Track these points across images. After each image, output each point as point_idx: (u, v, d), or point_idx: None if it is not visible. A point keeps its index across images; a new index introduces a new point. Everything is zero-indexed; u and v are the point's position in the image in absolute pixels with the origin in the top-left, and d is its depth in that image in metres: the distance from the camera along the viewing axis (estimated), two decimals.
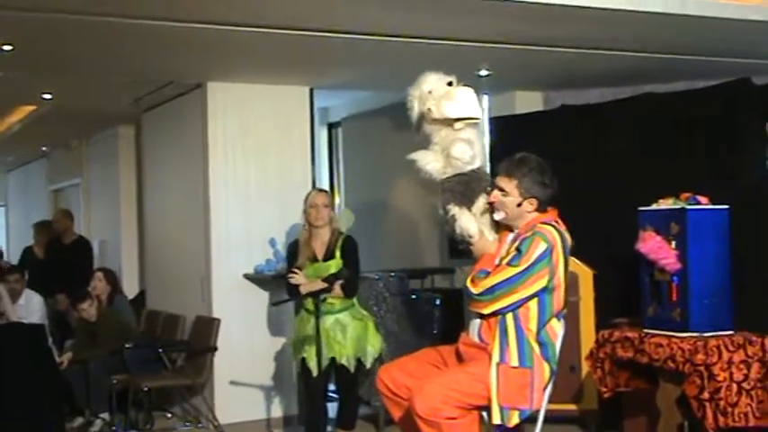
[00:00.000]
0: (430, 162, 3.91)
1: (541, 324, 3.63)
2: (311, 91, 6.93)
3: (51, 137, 9.97)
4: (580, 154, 6.36)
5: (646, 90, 6.29)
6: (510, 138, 6.46)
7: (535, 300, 3.60)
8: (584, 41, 5.49)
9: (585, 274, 5.82)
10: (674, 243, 4.81)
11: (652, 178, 5.75)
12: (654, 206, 4.99)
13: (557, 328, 3.68)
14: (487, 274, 3.63)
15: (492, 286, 3.59)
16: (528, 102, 7.25)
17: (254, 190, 6.71)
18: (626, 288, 5.48)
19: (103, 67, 6.01)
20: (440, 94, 3.85)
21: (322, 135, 9.33)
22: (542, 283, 3.57)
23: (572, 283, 5.55)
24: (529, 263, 3.55)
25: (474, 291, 3.64)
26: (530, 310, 3.62)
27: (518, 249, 3.59)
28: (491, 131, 7.25)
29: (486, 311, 3.63)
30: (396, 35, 5.21)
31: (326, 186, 8.99)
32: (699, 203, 4.85)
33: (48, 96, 7.20)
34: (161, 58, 5.78)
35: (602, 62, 5.97)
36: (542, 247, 3.57)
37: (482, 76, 6.48)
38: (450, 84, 3.88)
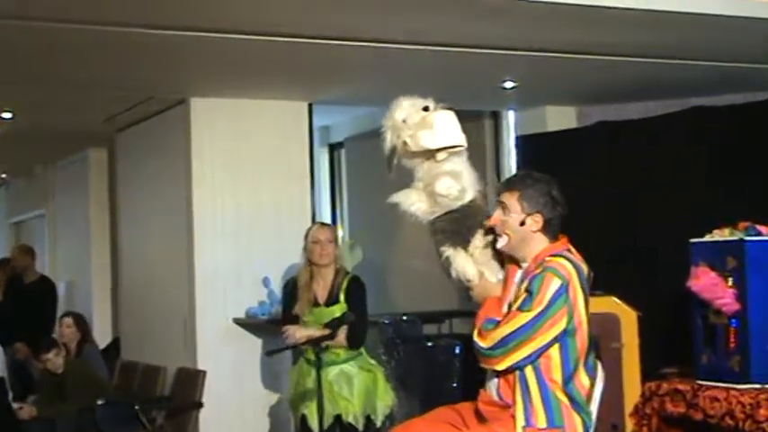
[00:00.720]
0: (414, 203, 3.90)
1: (567, 373, 3.60)
2: (310, 107, 6.97)
3: (11, 162, 10.03)
4: (620, 177, 6.36)
5: (695, 103, 6.30)
6: (539, 159, 6.46)
7: (556, 346, 3.57)
8: (623, 48, 5.51)
9: (629, 317, 5.79)
10: (731, 280, 4.79)
11: (705, 205, 5.73)
12: (707, 238, 4.97)
13: (584, 381, 3.65)
14: (497, 323, 3.60)
15: (504, 338, 3.55)
16: (560, 118, 7.27)
17: (245, 221, 6.72)
18: (676, 333, 5.44)
19: (71, 80, 6.05)
20: (415, 122, 3.85)
21: (323, 157, 9.36)
22: (562, 326, 3.54)
23: (613, 326, 5.52)
24: (543, 305, 3.51)
25: (483, 345, 3.60)
26: (551, 359, 3.58)
27: (528, 291, 3.56)
28: (518, 152, 7.26)
29: (500, 367, 3.59)
30: (406, 42, 5.24)
31: (328, 216, 9.00)
32: (760, 234, 4.83)
33: (7, 115, 7.25)
34: (138, 70, 5.82)
35: (643, 72, 5.98)
36: (556, 283, 3.53)
37: (507, 89, 6.50)
38: (425, 109, 3.88)
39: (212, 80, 6.19)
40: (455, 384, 6.44)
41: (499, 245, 3.72)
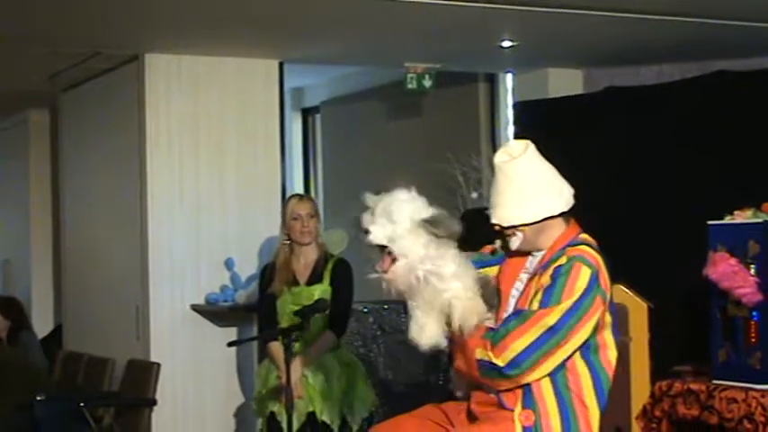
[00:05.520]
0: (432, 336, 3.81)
1: (600, 393, 3.62)
2: (281, 65, 6.95)
3: None
4: (631, 151, 6.37)
5: (717, 67, 6.31)
6: (539, 129, 6.46)
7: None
8: (636, 3, 5.50)
9: (638, 308, 5.82)
10: (753, 268, 4.81)
11: (725, 183, 5.75)
12: (728, 219, 4.99)
13: (611, 356, 3.65)
14: (507, 328, 3.54)
15: (529, 346, 3.44)
16: (564, 82, 7.28)
17: (205, 195, 6.71)
18: (690, 326, 5.47)
19: (6, 34, 6.00)
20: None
21: (295, 123, 9.34)
22: (597, 318, 3.53)
23: (621, 319, 5.54)
24: (575, 296, 3.47)
25: (499, 363, 3.49)
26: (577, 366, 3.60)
27: (553, 283, 3.53)
28: (515, 120, 7.26)
29: (525, 381, 3.57)
30: None
31: (300, 190, 8.99)
32: None
33: None
34: (83, 22, 5.78)
35: (659, 31, 5.99)
36: (586, 273, 3.52)
37: (504, 49, 6.50)
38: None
39: (169, 34, 6.16)
40: (441, 381, 6.46)
41: (514, 246, 3.69)
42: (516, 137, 6.83)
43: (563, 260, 3.53)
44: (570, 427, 3.59)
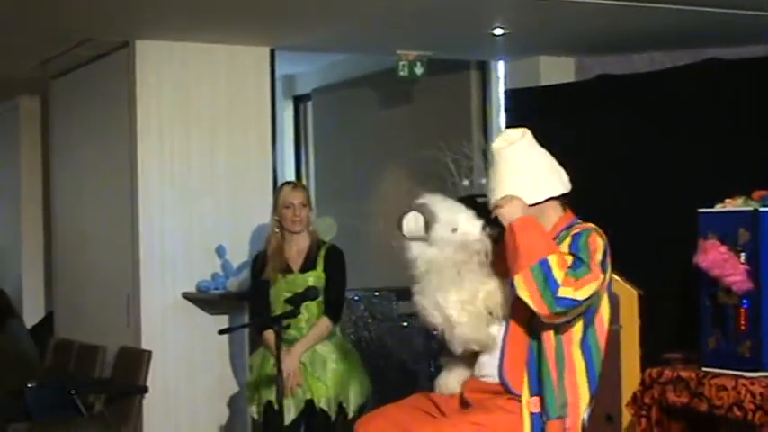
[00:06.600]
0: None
1: (592, 376, 3.70)
2: (272, 53, 6.93)
3: None
4: (622, 138, 6.38)
5: (709, 55, 6.31)
6: (531, 116, 6.47)
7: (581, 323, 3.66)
8: None
9: (628, 296, 5.83)
10: (743, 256, 4.83)
11: (716, 171, 5.76)
12: (718, 207, 5.00)
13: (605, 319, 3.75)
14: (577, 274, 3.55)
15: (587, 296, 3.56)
16: (556, 70, 7.28)
17: (196, 182, 6.71)
18: (681, 314, 5.49)
19: None
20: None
21: (286, 111, 9.34)
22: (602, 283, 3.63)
23: (611, 306, 5.57)
24: (598, 259, 3.59)
25: (579, 297, 3.53)
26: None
27: (572, 253, 3.59)
28: (507, 108, 7.26)
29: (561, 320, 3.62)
30: None
31: (291, 178, 8.99)
32: None
33: None
34: (74, 8, 5.77)
35: (651, 19, 5.99)
36: (600, 243, 3.62)
37: (496, 36, 6.49)
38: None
39: (160, 21, 6.14)
40: (432, 369, 6.47)
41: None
42: (508, 124, 6.85)
43: (577, 230, 3.62)
44: (562, 407, 3.64)
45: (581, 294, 3.49)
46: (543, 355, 3.64)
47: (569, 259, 3.54)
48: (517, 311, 3.67)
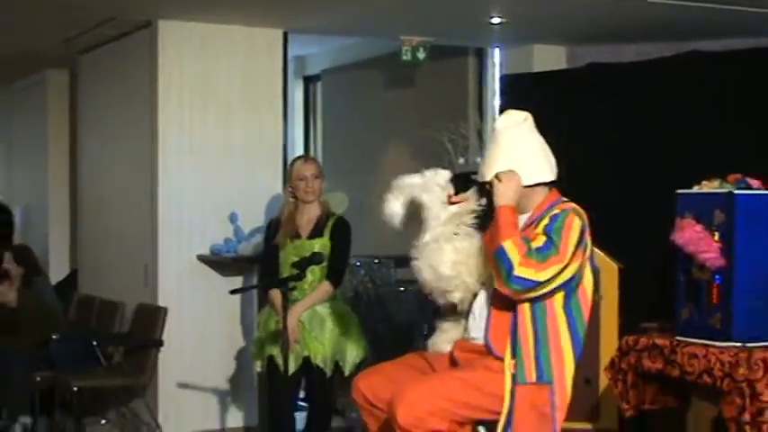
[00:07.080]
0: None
1: (575, 339, 3.71)
2: (285, 35, 6.91)
3: None
4: (609, 123, 6.38)
5: (694, 47, 6.30)
6: (523, 100, 6.46)
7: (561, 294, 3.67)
8: None
9: (609, 269, 5.84)
10: (717, 234, 4.82)
11: (696, 155, 5.76)
12: (695, 189, 5.00)
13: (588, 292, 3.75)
14: (544, 255, 3.57)
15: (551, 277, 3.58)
16: (548, 58, 7.27)
17: (213, 154, 6.70)
18: (657, 287, 5.49)
19: None
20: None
21: (297, 90, 9.31)
22: (578, 263, 3.63)
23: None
24: (571, 246, 3.58)
25: (536, 278, 3.56)
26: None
27: (546, 232, 3.60)
28: (502, 92, 7.25)
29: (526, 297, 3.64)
30: None
31: (300, 152, 8.98)
32: (750, 187, 4.86)
33: None
34: None
35: (641, 11, 5.97)
36: (578, 222, 3.62)
37: (494, 25, 6.48)
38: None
39: (181, 1, 6.12)
40: (426, 332, 6.49)
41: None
42: (502, 108, 6.83)
43: (556, 211, 3.63)
44: (544, 373, 3.65)
45: (542, 276, 3.53)
46: (519, 322, 3.66)
47: (541, 239, 3.56)
48: None
